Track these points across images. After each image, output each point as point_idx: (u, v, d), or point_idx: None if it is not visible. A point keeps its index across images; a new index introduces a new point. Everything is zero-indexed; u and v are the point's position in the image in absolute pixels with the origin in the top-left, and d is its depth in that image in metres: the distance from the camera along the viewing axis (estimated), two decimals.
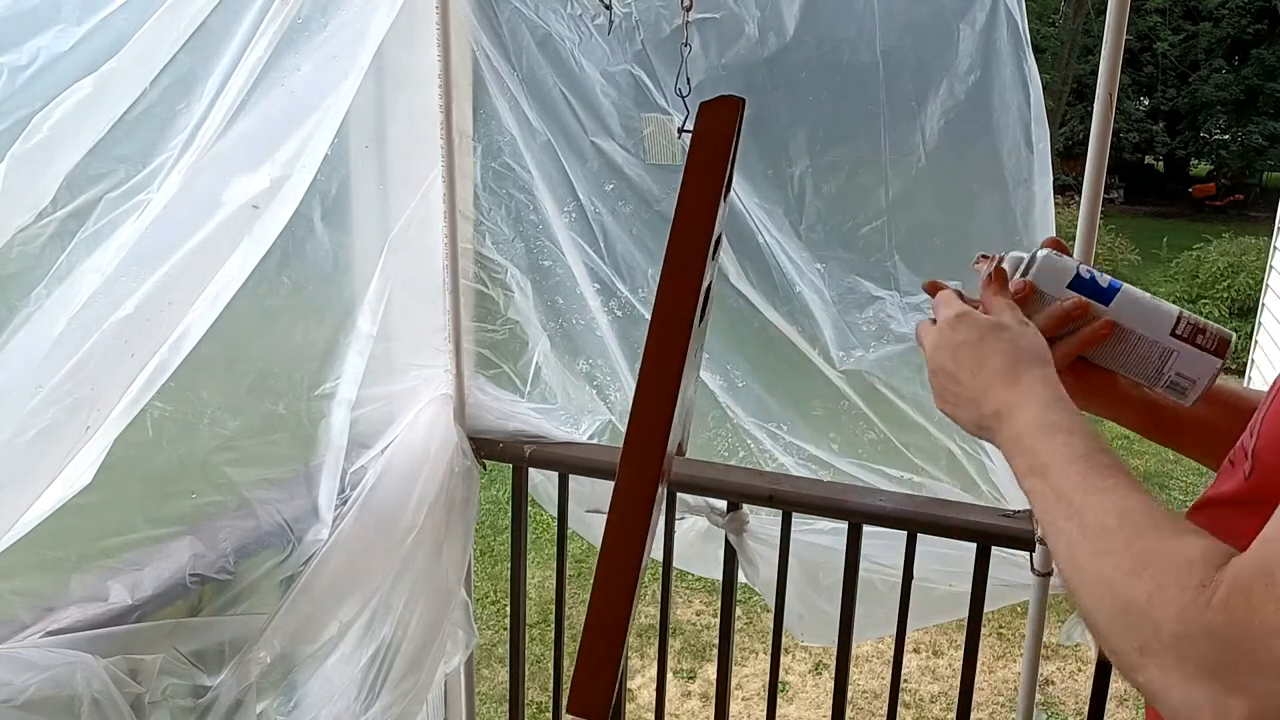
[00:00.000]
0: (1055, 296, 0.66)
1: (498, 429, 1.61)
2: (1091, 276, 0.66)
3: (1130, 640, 0.46)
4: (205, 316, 1.01)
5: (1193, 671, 0.43)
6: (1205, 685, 0.43)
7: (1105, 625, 0.48)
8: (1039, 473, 0.56)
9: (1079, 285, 0.65)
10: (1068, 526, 0.52)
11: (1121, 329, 0.64)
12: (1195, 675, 0.43)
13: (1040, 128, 1.31)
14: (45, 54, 0.91)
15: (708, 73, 1.35)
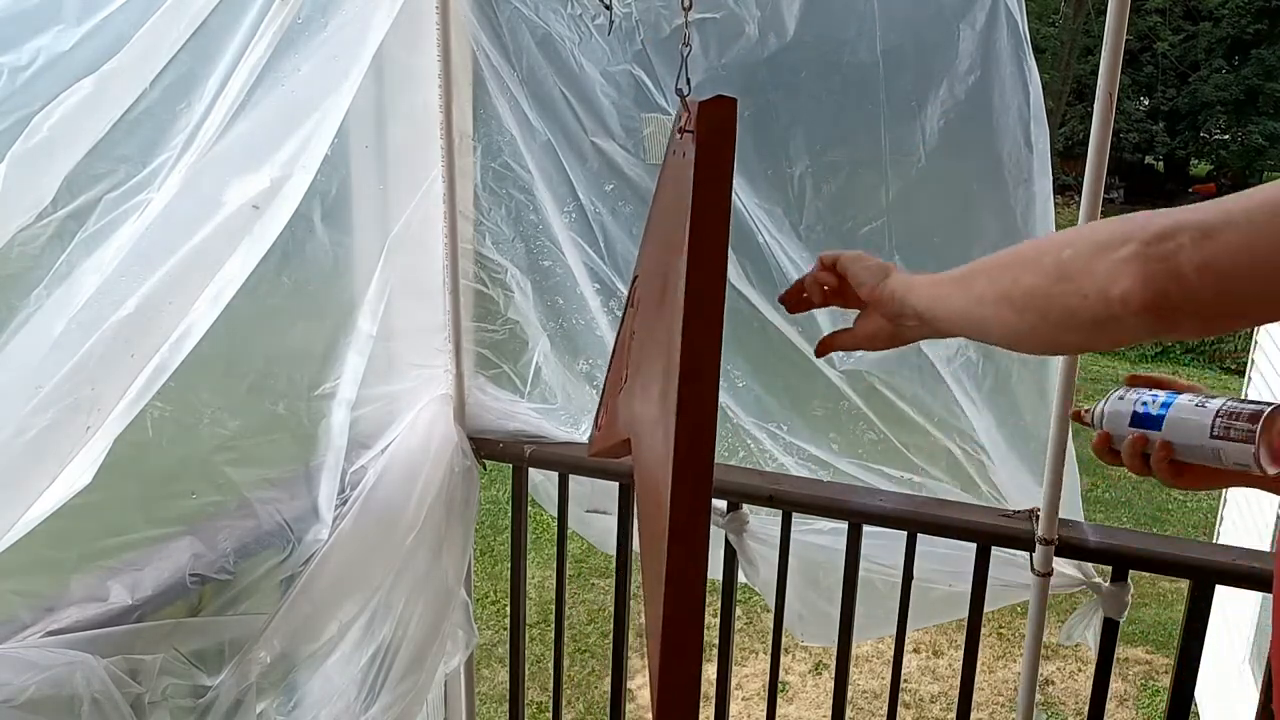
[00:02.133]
0: (1124, 435, 0.81)
1: (498, 429, 1.61)
2: (1145, 410, 0.80)
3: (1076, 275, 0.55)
4: (205, 316, 1.01)
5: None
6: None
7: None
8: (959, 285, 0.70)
9: (1136, 421, 0.81)
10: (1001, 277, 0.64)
11: (1177, 445, 0.78)
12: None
13: (1040, 128, 1.31)
14: (45, 54, 0.91)
15: (708, 73, 1.35)
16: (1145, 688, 4.03)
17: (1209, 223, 0.49)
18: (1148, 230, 0.51)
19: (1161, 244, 0.50)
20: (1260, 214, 0.48)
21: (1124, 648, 4.19)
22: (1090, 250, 0.55)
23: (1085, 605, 1.37)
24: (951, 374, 1.43)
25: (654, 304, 0.91)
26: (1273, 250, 0.47)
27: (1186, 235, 0.49)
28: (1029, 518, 1.34)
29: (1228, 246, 0.48)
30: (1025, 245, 0.65)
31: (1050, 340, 0.63)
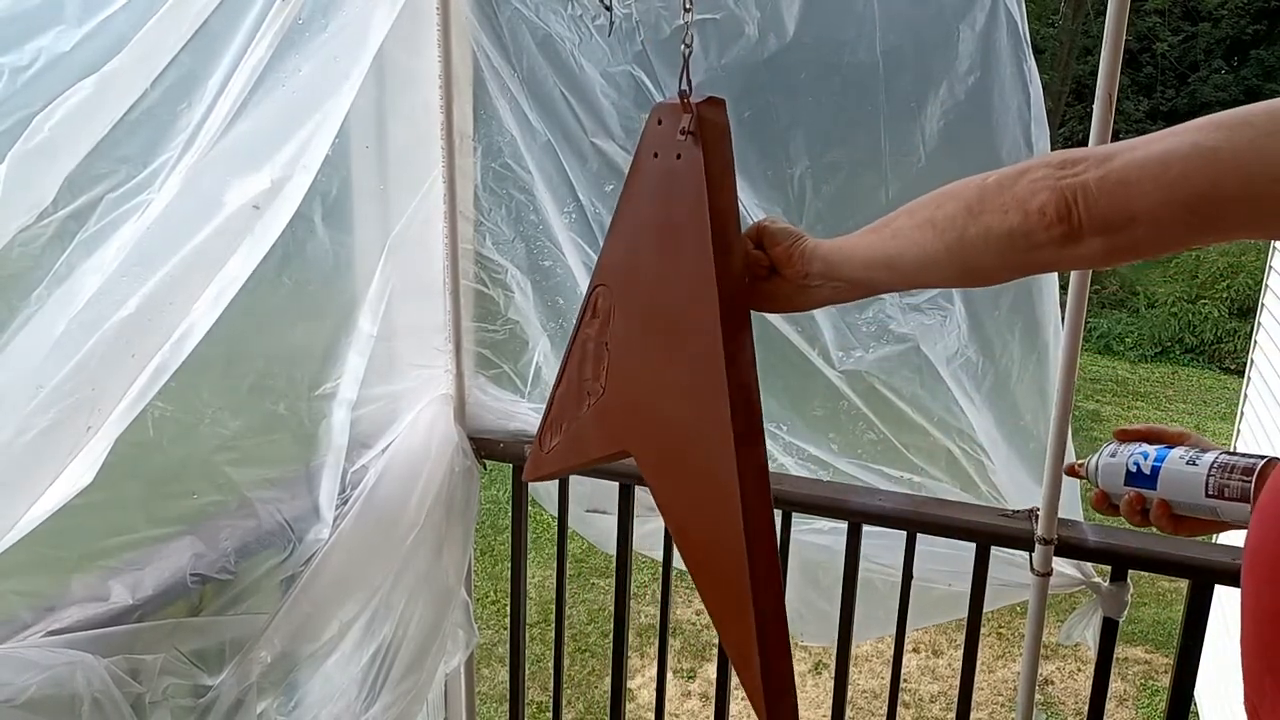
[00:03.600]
0: (1120, 494, 0.83)
1: (498, 429, 1.61)
2: (1138, 468, 0.82)
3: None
4: (206, 317, 1.01)
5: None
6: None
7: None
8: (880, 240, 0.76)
9: (1131, 480, 0.82)
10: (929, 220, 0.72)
11: (1174, 502, 0.80)
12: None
13: (1040, 128, 1.31)
14: (46, 55, 0.91)
15: (707, 73, 1.36)
16: (1145, 687, 4.03)
17: (1110, 151, 0.60)
18: (1061, 157, 0.62)
19: (1073, 166, 0.61)
20: (1147, 143, 0.59)
21: (1123, 647, 4.19)
22: (1011, 176, 0.64)
23: (1085, 605, 1.37)
24: (951, 374, 1.43)
25: (643, 315, 0.91)
26: (1152, 164, 0.58)
27: (1092, 159, 0.60)
28: (1028, 517, 1.34)
29: (1121, 163, 0.59)
30: (943, 188, 0.71)
31: (961, 262, 0.69)
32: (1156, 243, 0.61)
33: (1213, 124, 0.57)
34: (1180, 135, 0.58)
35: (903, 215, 0.75)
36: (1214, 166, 0.56)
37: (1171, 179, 0.57)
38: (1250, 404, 4.73)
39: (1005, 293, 1.41)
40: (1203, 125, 0.57)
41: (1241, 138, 0.55)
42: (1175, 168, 0.57)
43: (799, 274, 0.83)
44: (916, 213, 0.73)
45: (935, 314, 1.43)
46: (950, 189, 0.70)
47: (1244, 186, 0.55)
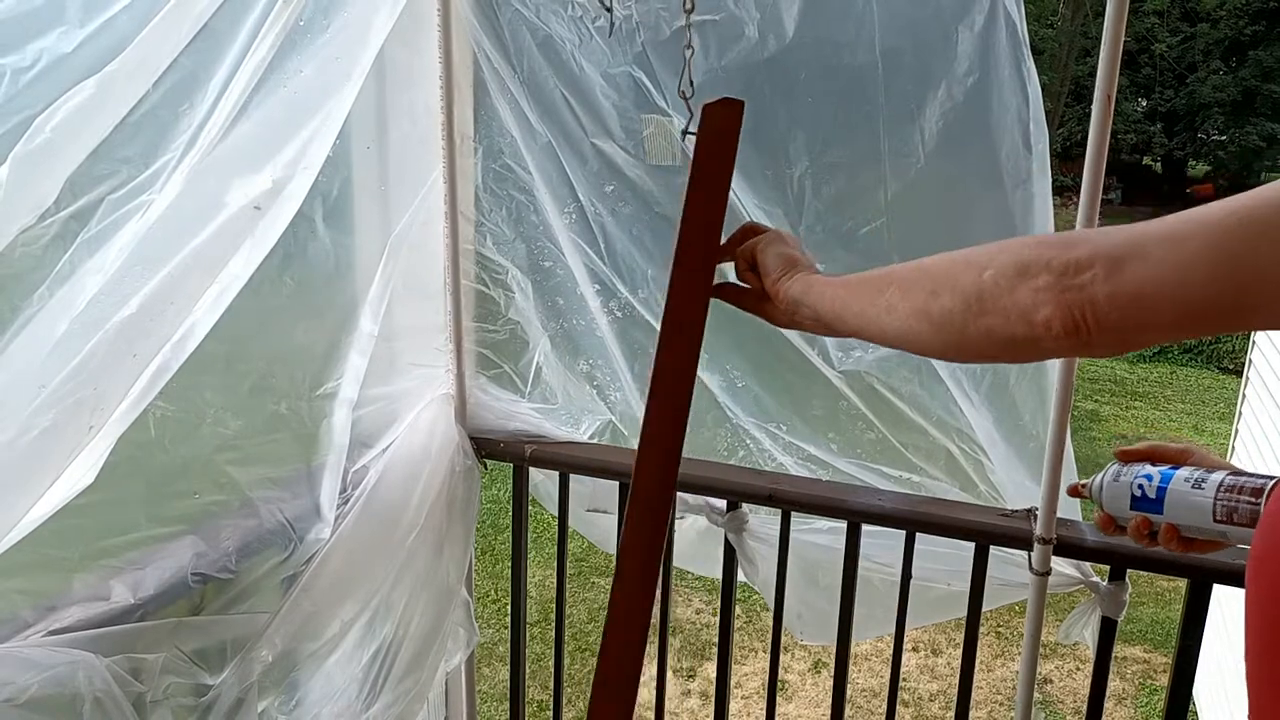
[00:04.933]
0: (1127, 518, 0.81)
1: (498, 429, 1.61)
2: (1143, 492, 0.79)
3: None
4: (207, 317, 1.02)
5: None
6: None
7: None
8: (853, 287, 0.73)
9: (1136, 504, 0.80)
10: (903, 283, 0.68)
11: (1182, 526, 0.78)
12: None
13: (1039, 129, 1.32)
14: (48, 56, 0.91)
15: (707, 74, 1.36)
16: (1143, 686, 4.04)
17: (1118, 255, 0.54)
18: (1065, 259, 0.55)
19: (1078, 274, 0.54)
20: (1160, 248, 0.52)
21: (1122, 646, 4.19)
22: (1012, 274, 0.58)
23: (1083, 604, 1.37)
24: (950, 374, 1.43)
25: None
26: (1169, 281, 0.52)
27: (1100, 266, 0.54)
28: (1027, 517, 1.35)
29: (1134, 277, 0.53)
30: (938, 260, 0.66)
31: (961, 355, 0.66)
32: (1174, 340, 0.57)
33: (1235, 221, 0.51)
34: (1198, 238, 0.52)
35: (893, 288, 0.69)
36: (1236, 277, 0.51)
37: (1191, 296, 0.52)
38: (1249, 404, 4.74)
39: None
40: (1221, 224, 0.51)
41: (1264, 241, 0.50)
42: (1196, 283, 0.52)
43: (786, 309, 0.83)
44: (910, 293, 0.67)
45: None
46: (942, 271, 0.65)
47: (1269, 297, 0.50)
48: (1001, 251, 0.60)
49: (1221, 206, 0.53)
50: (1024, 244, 0.59)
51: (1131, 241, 0.54)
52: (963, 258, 0.63)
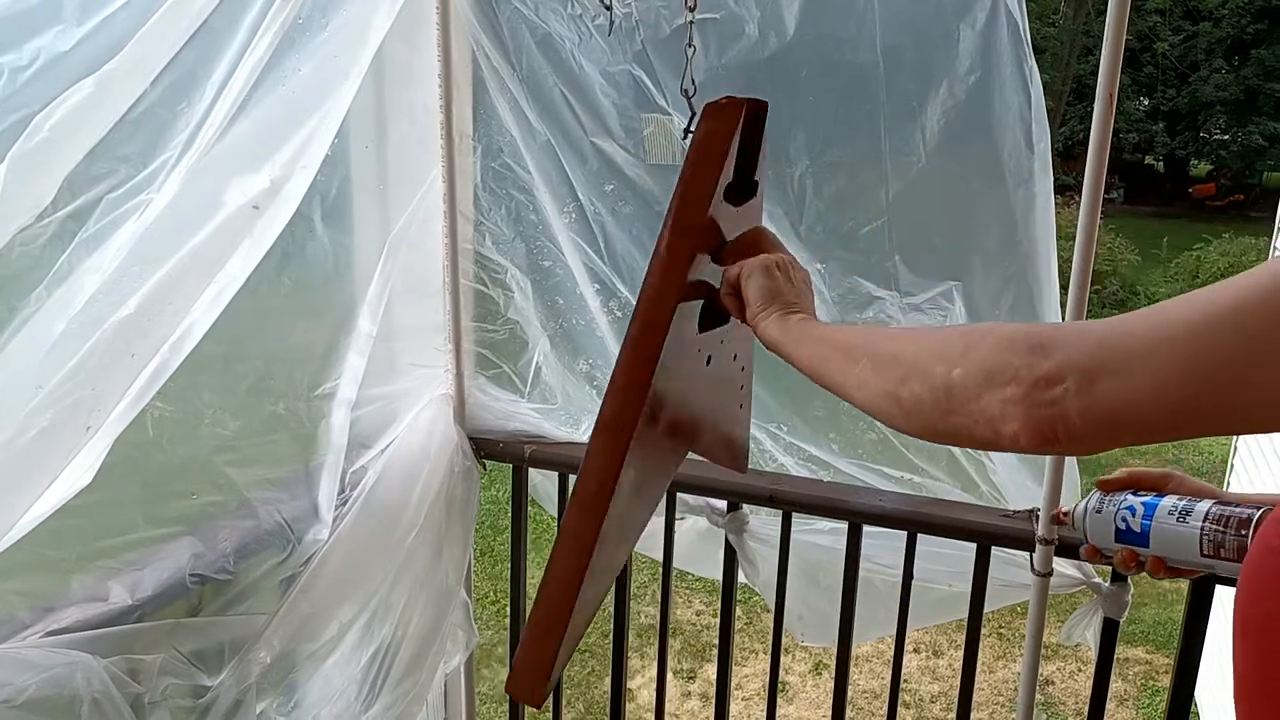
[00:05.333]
0: (1113, 550, 0.79)
1: (498, 429, 1.61)
2: (1127, 525, 0.77)
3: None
4: (206, 317, 1.01)
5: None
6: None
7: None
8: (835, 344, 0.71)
9: (1120, 537, 0.78)
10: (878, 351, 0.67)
11: (1169, 559, 0.76)
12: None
13: (1040, 128, 1.31)
14: (46, 54, 0.91)
15: (708, 72, 1.35)
16: (1145, 687, 4.03)
17: (1091, 370, 0.51)
18: (1034, 373, 0.53)
19: (1049, 389, 0.52)
20: (1134, 361, 0.50)
21: (1124, 648, 4.19)
22: (980, 379, 0.56)
23: (1085, 605, 1.37)
24: None
25: None
26: (1144, 399, 0.50)
27: (1072, 382, 0.51)
28: (1029, 518, 1.34)
29: (1107, 394, 0.51)
30: (910, 342, 0.64)
31: (936, 441, 0.65)
32: (1146, 442, 0.55)
33: (1208, 328, 0.49)
34: (1171, 347, 0.50)
35: (867, 363, 0.67)
36: (1213, 382, 0.49)
37: (1167, 410, 0.50)
38: None
39: (1006, 293, 1.41)
40: (1193, 330, 0.49)
41: (1240, 346, 0.48)
42: (1172, 400, 0.50)
43: (764, 344, 0.82)
44: (880, 372, 0.65)
45: (936, 314, 1.43)
46: (912, 357, 0.63)
47: (1246, 403, 0.49)
48: (971, 349, 0.58)
49: (1194, 305, 0.51)
50: (995, 343, 0.57)
51: (1104, 352, 0.52)
52: (936, 346, 0.61)
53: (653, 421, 0.84)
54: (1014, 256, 1.37)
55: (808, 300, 0.82)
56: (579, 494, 0.82)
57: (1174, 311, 0.51)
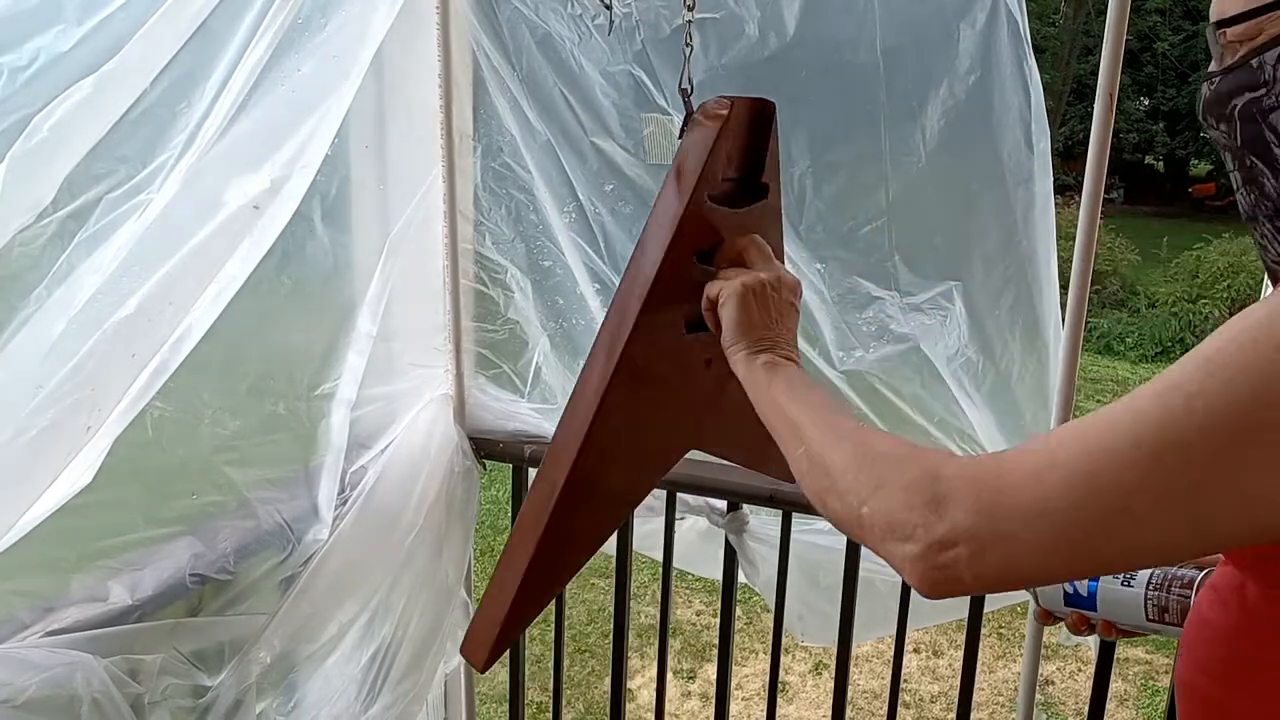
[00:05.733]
0: (1064, 613, 0.81)
1: (498, 429, 1.61)
2: (1074, 589, 0.79)
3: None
4: (205, 317, 1.01)
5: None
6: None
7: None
8: (793, 401, 0.72)
9: (1069, 600, 0.79)
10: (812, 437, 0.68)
11: (1118, 624, 0.78)
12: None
13: (1040, 128, 1.31)
14: (45, 54, 0.91)
15: (708, 72, 1.35)
16: (1145, 688, 4.03)
17: (982, 537, 0.53)
18: (930, 536, 0.55)
19: (942, 553, 0.54)
20: (1023, 527, 0.52)
21: (1124, 648, 4.19)
22: (883, 528, 0.58)
23: None
24: (951, 374, 1.42)
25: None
26: (1033, 562, 0.53)
27: (963, 548, 0.53)
28: None
29: (998, 559, 0.53)
30: (836, 452, 0.64)
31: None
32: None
33: (1085, 493, 0.50)
34: (1055, 515, 0.51)
35: (804, 453, 0.68)
36: (1092, 546, 0.51)
37: (1057, 566, 0.53)
38: None
39: (1006, 292, 1.41)
40: (1072, 498, 0.50)
41: (1119, 515, 0.50)
42: (1059, 566, 0.53)
43: (734, 372, 0.82)
44: (813, 470, 0.66)
45: (936, 314, 1.43)
46: (838, 470, 0.63)
47: (1136, 547, 0.51)
48: (880, 488, 0.59)
49: (1077, 462, 0.52)
50: (899, 489, 0.58)
51: (994, 517, 0.53)
52: (855, 470, 0.62)
53: (625, 412, 0.85)
54: (1014, 256, 1.37)
55: (784, 328, 0.81)
56: (535, 480, 0.86)
57: (1062, 464, 0.52)
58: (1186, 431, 0.48)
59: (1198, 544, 0.52)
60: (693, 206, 0.84)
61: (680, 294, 0.85)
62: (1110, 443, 0.51)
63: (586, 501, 0.87)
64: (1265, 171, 0.58)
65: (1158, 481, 0.49)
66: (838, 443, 0.65)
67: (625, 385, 0.84)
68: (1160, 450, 0.49)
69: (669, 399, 0.91)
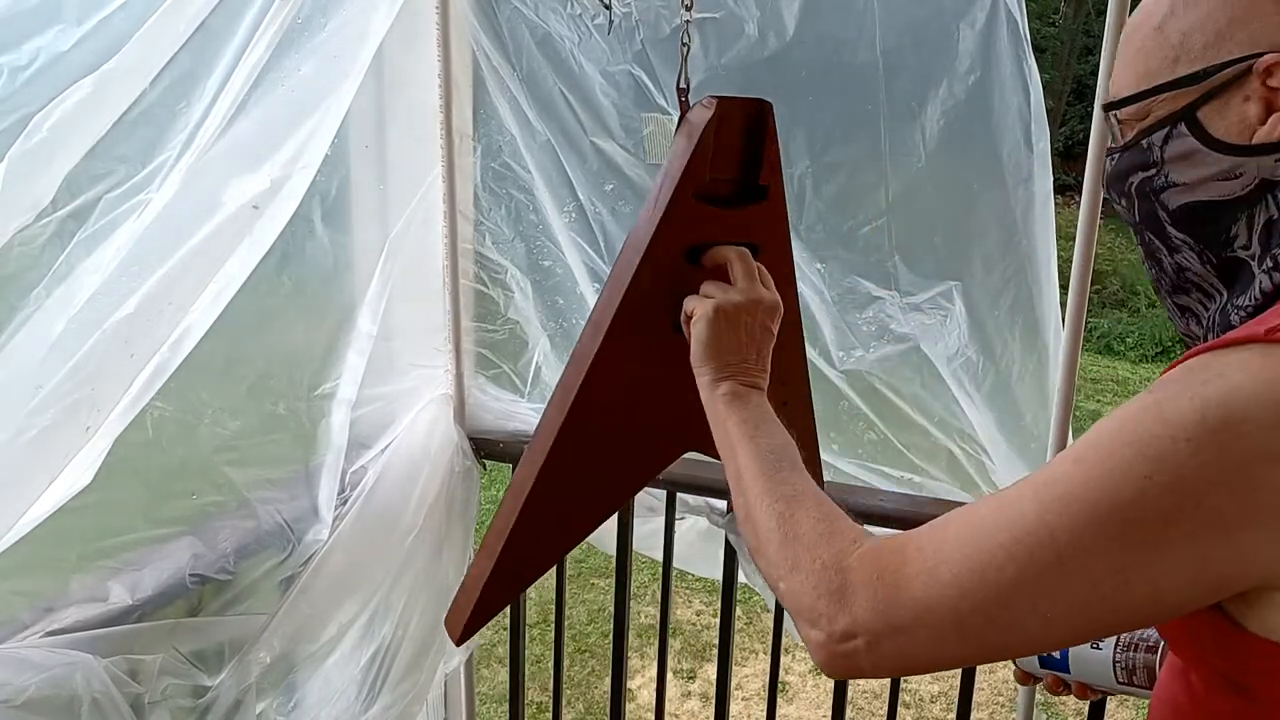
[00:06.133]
0: (1041, 675, 0.82)
1: (498, 429, 1.61)
2: (1048, 652, 0.80)
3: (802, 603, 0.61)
4: (205, 317, 1.01)
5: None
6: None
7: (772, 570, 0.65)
8: (743, 443, 0.73)
9: (1045, 663, 0.81)
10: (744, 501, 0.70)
11: (1092, 685, 0.79)
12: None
13: (1040, 128, 1.31)
14: (45, 54, 0.91)
15: (708, 72, 1.35)
16: None
17: (878, 631, 0.56)
18: (831, 626, 0.58)
19: (843, 643, 0.57)
20: (915, 623, 0.55)
21: None
22: (793, 607, 0.61)
23: None
24: (951, 374, 1.42)
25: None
26: (926, 654, 0.56)
27: (861, 640, 0.57)
28: None
29: (894, 651, 0.56)
30: (769, 509, 0.66)
31: None
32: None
33: (960, 593, 0.53)
34: (940, 611, 0.54)
35: (742, 506, 0.71)
36: (985, 636, 0.53)
37: (953, 654, 0.56)
38: None
39: (1006, 292, 1.41)
40: (957, 598, 0.53)
41: (1002, 609, 0.52)
42: (949, 655, 0.55)
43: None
44: (746, 525, 0.69)
45: (936, 314, 1.43)
46: (762, 532, 0.66)
47: (1028, 637, 0.53)
48: (795, 569, 0.61)
49: (968, 553, 0.54)
50: (810, 573, 0.60)
51: (890, 611, 0.56)
52: (779, 541, 0.64)
53: (606, 406, 0.88)
54: (1014, 256, 1.37)
55: (753, 352, 0.81)
56: (515, 471, 0.89)
57: (950, 561, 0.55)
58: (1057, 530, 0.50)
59: (1076, 635, 0.55)
60: (676, 204, 0.84)
61: (666, 292, 0.85)
62: (992, 540, 0.53)
63: (561, 494, 0.88)
64: (1161, 248, 0.60)
65: (1033, 577, 0.51)
66: (769, 509, 0.67)
67: (603, 380, 0.85)
68: (1034, 548, 0.51)
69: (654, 397, 0.91)
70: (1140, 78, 0.59)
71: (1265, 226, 0.55)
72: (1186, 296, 0.61)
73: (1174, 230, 0.59)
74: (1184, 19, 0.57)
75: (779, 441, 0.73)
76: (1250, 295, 0.56)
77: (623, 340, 0.85)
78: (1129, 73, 0.60)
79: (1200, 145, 0.56)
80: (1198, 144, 0.56)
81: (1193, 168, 0.57)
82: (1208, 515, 0.46)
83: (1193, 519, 0.47)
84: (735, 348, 0.81)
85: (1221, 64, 0.55)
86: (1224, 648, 0.52)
